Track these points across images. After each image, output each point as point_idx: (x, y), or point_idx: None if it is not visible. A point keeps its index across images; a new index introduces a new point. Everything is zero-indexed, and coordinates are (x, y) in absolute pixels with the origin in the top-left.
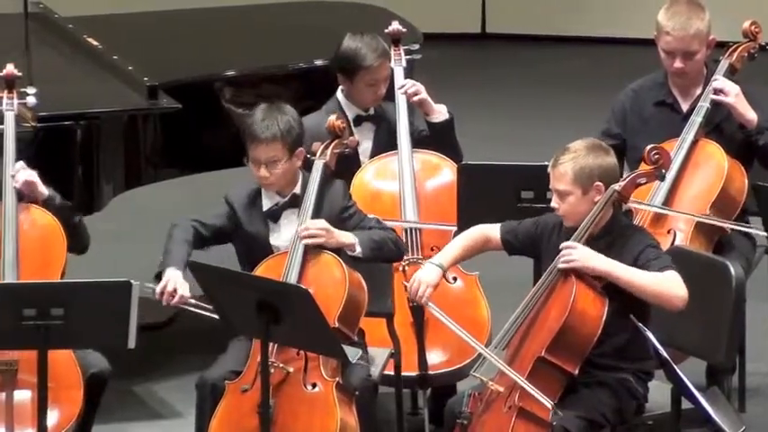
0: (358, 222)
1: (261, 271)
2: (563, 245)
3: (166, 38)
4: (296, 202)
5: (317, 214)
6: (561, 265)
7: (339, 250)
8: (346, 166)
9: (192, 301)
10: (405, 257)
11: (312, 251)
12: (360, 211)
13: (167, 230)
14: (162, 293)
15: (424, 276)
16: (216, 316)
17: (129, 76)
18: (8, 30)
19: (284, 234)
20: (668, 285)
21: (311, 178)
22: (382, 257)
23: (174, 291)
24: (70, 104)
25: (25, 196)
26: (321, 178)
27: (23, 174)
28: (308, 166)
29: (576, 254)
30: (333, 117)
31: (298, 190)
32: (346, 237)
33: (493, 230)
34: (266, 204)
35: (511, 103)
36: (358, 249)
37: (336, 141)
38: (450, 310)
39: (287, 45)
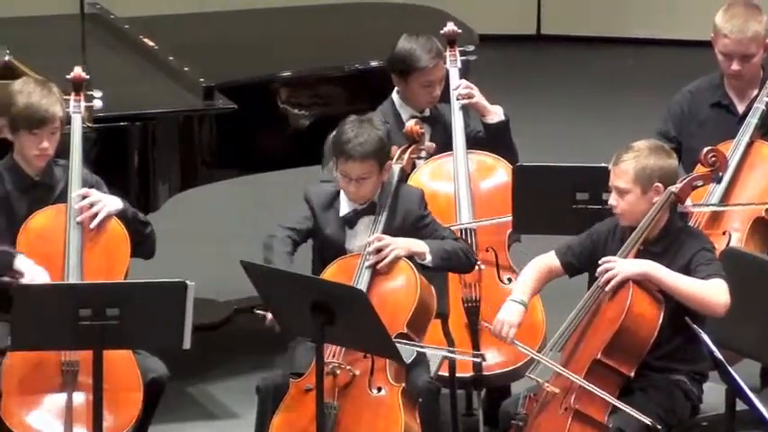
0: (432, 232)
1: (332, 271)
2: (600, 269)
3: (222, 39)
4: (373, 208)
5: (391, 219)
6: (607, 288)
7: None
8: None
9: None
10: None
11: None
12: (435, 221)
13: (264, 242)
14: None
15: (507, 317)
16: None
17: (185, 76)
18: (65, 31)
19: (360, 239)
20: (711, 293)
21: (386, 182)
22: (452, 267)
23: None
24: (126, 105)
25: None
26: (397, 183)
27: (87, 205)
28: None
29: (617, 268)
30: (411, 122)
31: (376, 198)
32: (417, 245)
33: (550, 259)
34: (344, 209)
35: (566, 105)
36: (428, 258)
37: (414, 146)
38: None
39: (343, 46)
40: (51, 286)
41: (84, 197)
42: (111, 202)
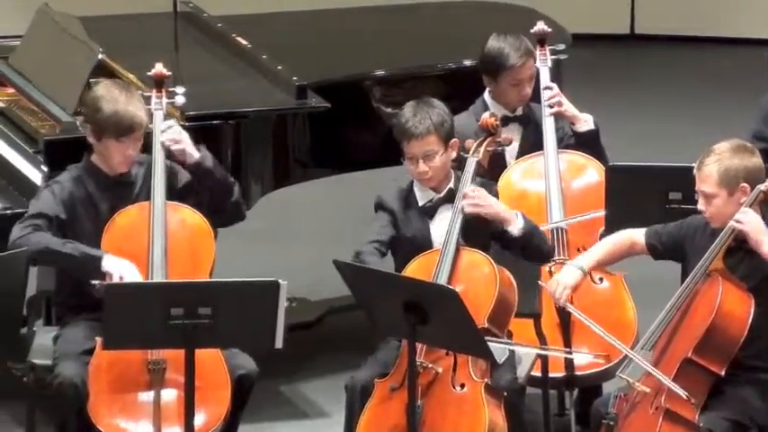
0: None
1: (412, 269)
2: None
3: (315, 37)
4: (452, 197)
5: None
6: (732, 223)
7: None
8: (492, 166)
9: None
10: (552, 258)
11: (464, 250)
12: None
13: (353, 260)
14: None
15: (563, 278)
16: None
17: (278, 75)
18: (158, 29)
19: (440, 229)
20: None
21: (464, 175)
22: (534, 246)
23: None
24: (219, 104)
25: (174, 156)
26: (474, 176)
27: (172, 131)
28: (459, 165)
29: (747, 218)
30: (486, 114)
31: (452, 184)
32: (506, 211)
33: (638, 234)
34: (421, 200)
35: (659, 104)
36: (520, 223)
37: (490, 139)
38: (596, 311)
39: (435, 45)
40: (143, 285)
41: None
42: (192, 147)
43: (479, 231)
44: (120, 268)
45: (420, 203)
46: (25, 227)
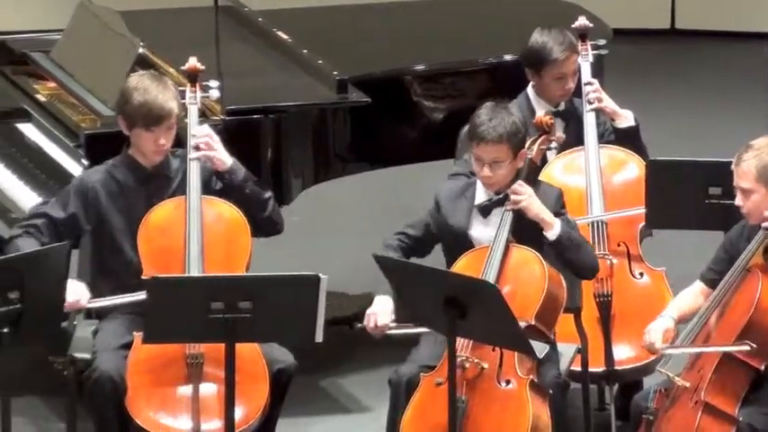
0: None
1: (461, 265)
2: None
3: (356, 32)
4: (507, 199)
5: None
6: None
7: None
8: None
9: (393, 324)
10: None
11: (513, 248)
12: (570, 222)
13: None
14: (367, 325)
15: (656, 326)
16: (421, 330)
17: (319, 69)
18: (198, 23)
19: (491, 229)
20: None
21: (519, 173)
22: (574, 257)
23: (375, 323)
24: (259, 98)
25: (206, 160)
26: (526, 174)
27: (204, 136)
28: None
29: None
30: (541, 113)
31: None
32: (548, 214)
33: (698, 287)
34: (479, 197)
35: (700, 99)
36: (556, 230)
37: (544, 137)
38: (637, 306)
39: (476, 40)
40: (184, 279)
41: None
42: (224, 153)
43: (531, 230)
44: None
45: (477, 201)
46: (21, 226)
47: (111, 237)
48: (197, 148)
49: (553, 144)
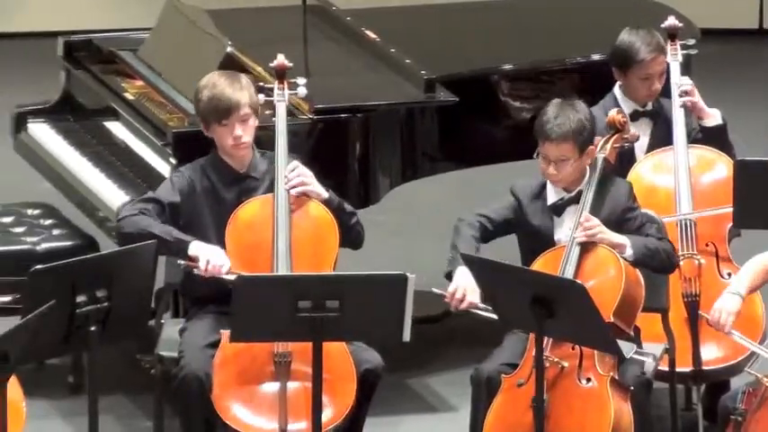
0: (638, 227)
1: (539, 264)
2: None
3: (444, 31)
4: (580, 198)
5: (597, 209)
6: None
7: None
8: (622, 161)
9: (481, 305)
10: (679, 252)
11: (589, 246)
12: (642, 216)
13: (454, 225)
14: (452, 297)
15: (725, 305)
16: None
17: (407, 68)
18: (287, 23)
19: (565, 228)
20: None
21: (591, 172)
22: (653, 266)
23: (463, 297)
24: (347, 97)
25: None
26: (600, 173)
27: (296, 176)
28: None
29: None
30: (613, 111)
31: (583, 186)
32: (618, 237)
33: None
34: (551, 198)
35: None
36: (629, 252)
37: (617, 136)
38: None
39: (564, 39)
40: (271, 278)
41: (295, 171)
42: (319, 186)
43: (609, 228)
44: (206, 253)
45: (549, 201)
46: (133, 207)
47: (202, 234)
48: (291, 187)
49: (627, 144)
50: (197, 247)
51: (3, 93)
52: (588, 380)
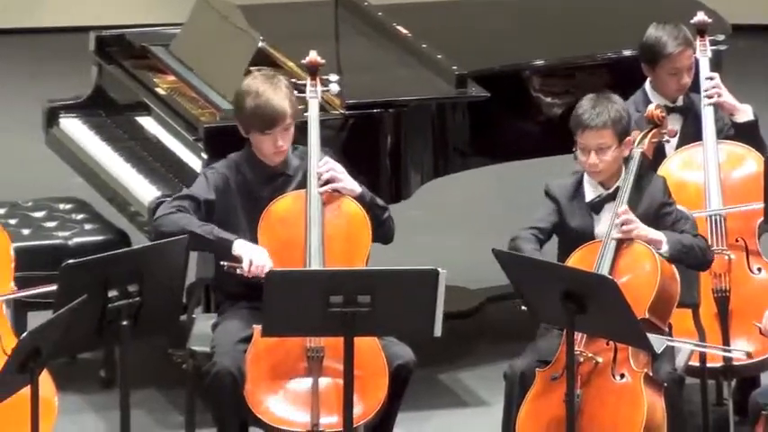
0: (673, 222)
1: (575, 259)
2: None
3: (475, 27)
4: (617, 194)
5: (634, 204)
6: None
7: None
8: (653, 156)
9: None
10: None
11: (625, 241)
12: (677, 212)
13: (509, 246)
14: None
15: None
16: None
17: (439, 64)
18: (318, 18)
19: (603, 225)
20: None
21: (628, 167)
22: (687, 262)
23: None
24: (379, 92)
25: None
26: (638, 167)
27: (327, 171)
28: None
29: None
30: (652, 106)
31: (621, 182)
32: (654, 233)
33: None
34: (589, 195)
35: None
36: (664, 248)
37: (655, 130)
38: (755, 301)
39: (594, 35)
40: (303, 273)
41: (325, 167)
42: (351, 182)
43: (641, 221)
44: (250, 252)
45: (587, 199)
46: (170, 206)
47: (235, 231)
48: (323, 183)
49: (665, 139)
50: (241, 247)
51: (35, 88)
52: (622, 375)
